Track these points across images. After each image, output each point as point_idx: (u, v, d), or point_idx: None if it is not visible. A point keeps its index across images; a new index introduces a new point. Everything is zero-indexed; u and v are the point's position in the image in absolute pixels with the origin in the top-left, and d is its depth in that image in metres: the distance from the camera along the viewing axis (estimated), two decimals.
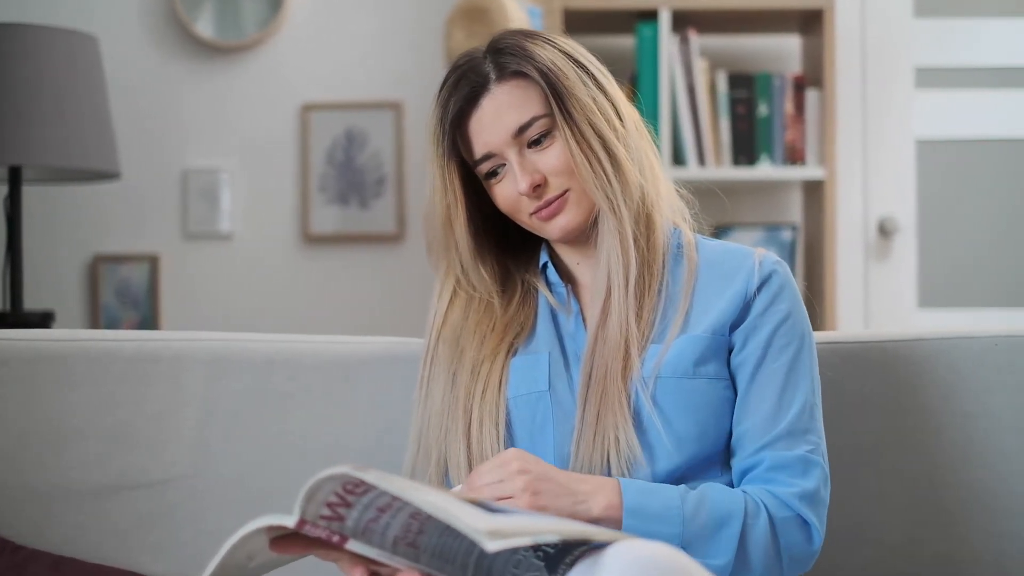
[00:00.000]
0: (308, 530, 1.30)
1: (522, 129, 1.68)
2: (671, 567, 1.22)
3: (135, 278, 3.85)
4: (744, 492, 1.61)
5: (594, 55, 1.77)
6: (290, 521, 1.29)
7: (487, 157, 1.71)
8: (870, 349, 1.98)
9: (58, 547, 1.91)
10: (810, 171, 3.59)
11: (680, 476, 1.62)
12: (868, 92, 3.90)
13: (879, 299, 3.90)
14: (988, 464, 1.96)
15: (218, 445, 1.96)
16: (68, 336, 1.97)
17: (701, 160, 3.55)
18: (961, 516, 1.97)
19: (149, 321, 3.84)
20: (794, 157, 3.60)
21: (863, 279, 3.90)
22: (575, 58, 1.72)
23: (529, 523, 1.22)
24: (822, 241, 3.56)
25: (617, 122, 1.71)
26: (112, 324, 3.83)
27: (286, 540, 1.34)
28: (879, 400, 1.98)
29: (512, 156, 1.69)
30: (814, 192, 3.68)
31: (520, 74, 1.69)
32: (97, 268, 3.84)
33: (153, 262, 3.86)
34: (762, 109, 3.61)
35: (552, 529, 1.21)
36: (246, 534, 1.33)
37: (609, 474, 1.61)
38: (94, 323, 3.84)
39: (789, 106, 3.61)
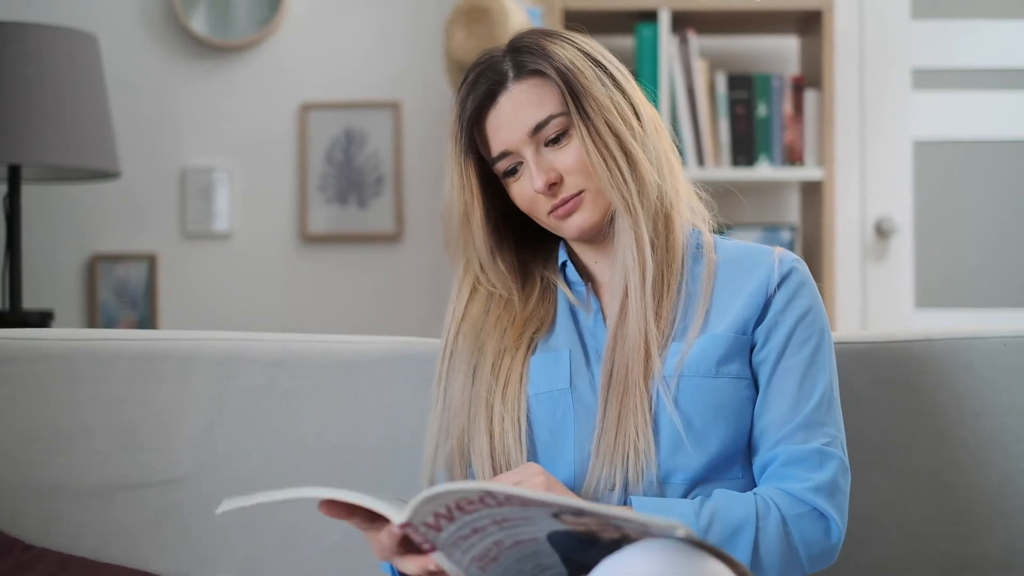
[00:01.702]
0: (409, 532, 1.35)
1: (539, 127, 1.68)
2: (703, 571, 1.23)
3: (133, 277, 3.85)
4: (755, 494, 1.61)
5: (614, 54, 1.78)
6: (397, 519, 1.34)
7: (504, 155, 1.71)
8: (880, 349, 1.99)
9: (65, 546, 1.92)
10: (809, 172, 3.60)
11: (701, 476, 1.62)
12: (866, 93, 3.91)
13: (876, 299, 3.91)
14: (997, 463, 1.97)
15: (225, 444, 1.96)
16: (75, 335, 1.97)
17: (700, 160, 3.56)
18: (970, 515, 1.97)
19: (147, 320, 3.84)
20: (793, 158, 3.61)
21: (860, 279, 3.91)
22: (594, 57, 1.73)
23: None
24: (820, 242, 3.57)
25: (635, 122, 1.71)
26: (110, 323, 3.83)
27: (339, 506, 1.43)
28: (889, 399, 1.98)
29: (529, 154, 1.69)
30: (812, 193, 3.68)
31: (538, 72, 1.69)
32: (95, 267, 3.84)
33: (151, 261, 3.85)
34: (761, 110, 3.61)
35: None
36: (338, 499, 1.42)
37: (628, 473, 1.61)
38: (92, 322, 3.84)
39: (788, 107, 3.61)
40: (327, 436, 1.97)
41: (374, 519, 1.45)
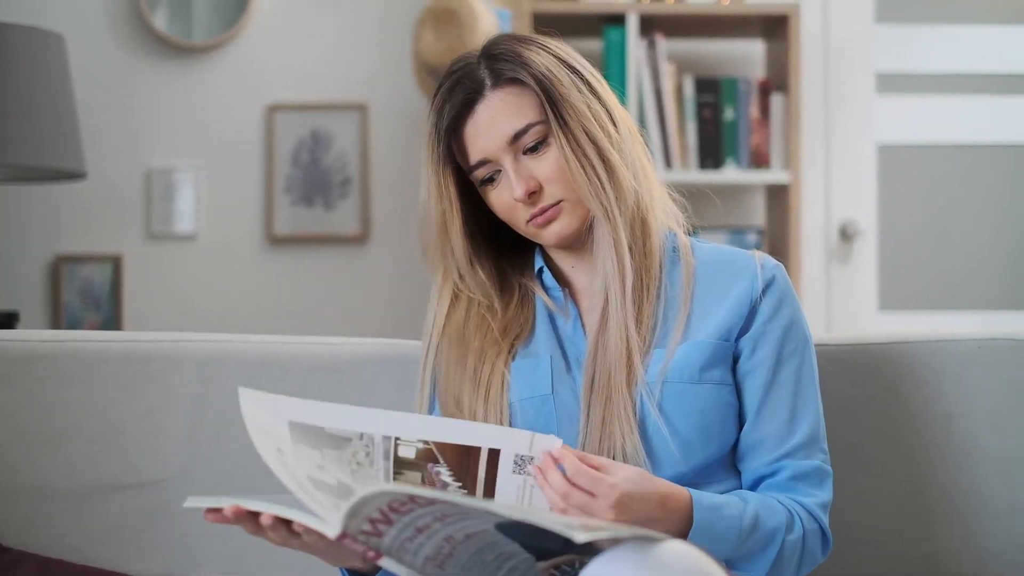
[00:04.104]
0: (347, 543, 1.32)
1: (517, 136, 1.67)
2: (695, 569, 1.24)
3: (98, 278, 3.83)
4: (784, 505, 1.63)
5: (588, 59, 1.78)
6: (332, 532, 1.30)
7: (482, 163, 1.69)
8: (855, 351, 2.00)
9: (47, 548, 1.91)
10: (775, 175, 3.62)
11: (687, 482, 1.62)
12: (830, 97, 3.94)
13: (840, 302, 3.94)
14: (970, 464, 1.99)
15: (209, 445, 1.95)
16: (59, 336, 1.96)
17: (668, 163, 3.57)
18: (944, 515, 1.99)
19: (111, 322, 3.82)
20: (759, 161, 3.64)
21: (825, 282, 3.93)
22: (569, 64, 1.72)
23: (608, 523, 1.28)
24: (786, 244, 3.60)
25: (611, 128, 1.70)
26: (74, 324, 3.81)
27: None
28: (864, 401, 2.00)
29: (507, 162, 1.68)
30: (778, 195, 3.71)
31: (515, 80, 1.68)
32: (59, 268, 3.81)
33: (116, 262, 3.83)
34: (728, 113, 3.64)
35: (629, 530, 1.26)
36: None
37: None
38: (56, 323, 3.82)
39: (754, 110, 3.64)
40: None
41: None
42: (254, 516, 1.43)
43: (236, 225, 3.88)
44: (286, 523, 1.42)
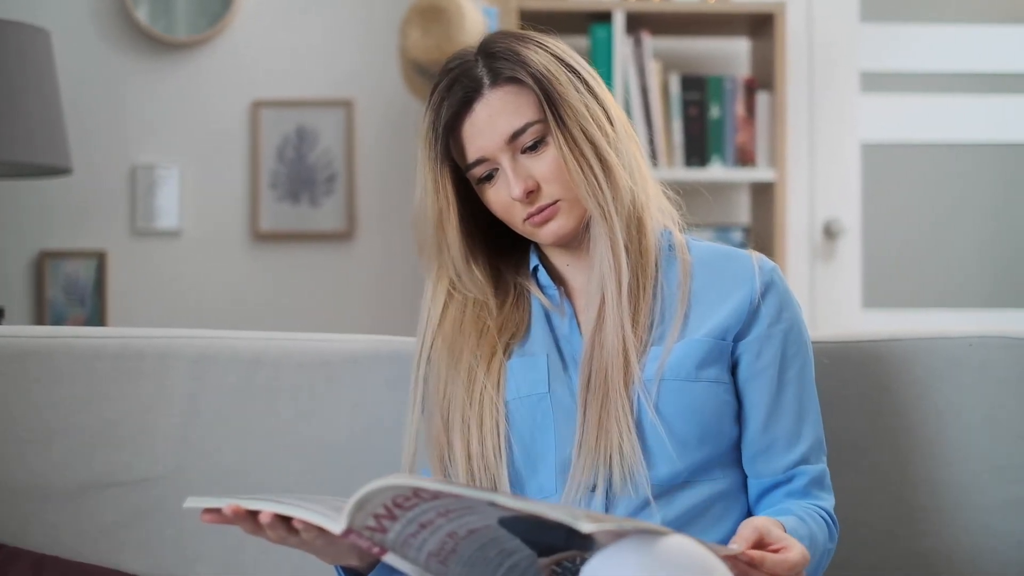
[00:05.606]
0: (352, 539, 1.32)
1: (516, 135, 1.67)
2: (696, 564, 1.24)
3: (82, 274, 3.82)
4: (820, 516, 1.65)
5: (584, 58, 1.78)
6: (337, 528, 1.30)
7: (480, 162, 1.69)
8: (847, 348, 2.01)
9: (41, 546, 1.90)
10: (760, 173, 3.63)
11: (682, 480, 1.63)
12: (815, 95, 3.95)
13: (824, 299, 3.95)
14: (961, 462, 1.99)
15: (203, 443, 1.95)
16: (51, 332, 1.95)
17: (654, 161, 3.58)
18: (935, 513, 2.00)
19: (96, 318, 3.81)
20: (745, 159, 3.64)
21: (809, 280, 3.95)
22: (567, 63, 1.71)
23: (612, 516, 1.28)
24: (771, 242, 3.60)
25: (608, 127, 1.70)
26: (58, 321, 3.80)
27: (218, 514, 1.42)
28: (856, 399, 2.00)
29: (505, 161, 1.67)
30: (763, 194, 3.72)
31: (514, 80, 1.67)
32: (43, 264, 3.80)
33: (100, 258, 3.82)
34: (714, 111, 3.64)
35: (633, 523, 1.27)
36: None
37: (612, 476, 1.61)
38: (40, 320, 3.80)
39: (740, 108, 3.65)
40: (303, 434, 1.97)
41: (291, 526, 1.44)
42: (253, 515, 1.43)
43: (221, 221, 3.87)
44: (285, 521, 1.42)
